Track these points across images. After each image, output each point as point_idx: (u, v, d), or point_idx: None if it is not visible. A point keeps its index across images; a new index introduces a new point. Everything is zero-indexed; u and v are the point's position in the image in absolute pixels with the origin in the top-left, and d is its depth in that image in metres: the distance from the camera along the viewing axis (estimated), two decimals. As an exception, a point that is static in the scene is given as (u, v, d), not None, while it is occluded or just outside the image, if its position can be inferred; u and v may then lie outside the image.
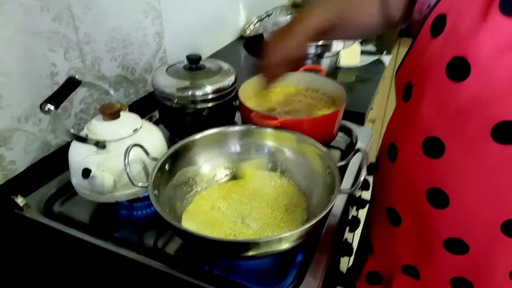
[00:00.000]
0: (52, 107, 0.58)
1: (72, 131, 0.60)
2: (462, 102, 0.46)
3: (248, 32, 1.51)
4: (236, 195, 0.69)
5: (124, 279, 0.60)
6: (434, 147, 0.50)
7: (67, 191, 0.71)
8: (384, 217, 0.63)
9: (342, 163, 0.65)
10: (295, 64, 0.62)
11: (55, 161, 0.76)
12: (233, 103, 0.91)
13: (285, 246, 0.53)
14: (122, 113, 0.69)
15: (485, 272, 0.54)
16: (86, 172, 0.56)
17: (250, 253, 0.52)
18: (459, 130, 0.47)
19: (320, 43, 1.14)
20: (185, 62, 0.86)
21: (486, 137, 0.45)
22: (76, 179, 0.66)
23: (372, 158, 0.66)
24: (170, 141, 0.72)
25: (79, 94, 0.83)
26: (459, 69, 0.45)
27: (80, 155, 0.63)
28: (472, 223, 0.51)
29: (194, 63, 0.84)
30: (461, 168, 0.48)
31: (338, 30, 0.61)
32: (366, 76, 1.24)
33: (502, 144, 0.44)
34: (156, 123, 0.75)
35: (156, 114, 0.95)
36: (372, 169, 0.93)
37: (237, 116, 0.94)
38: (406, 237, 0.60)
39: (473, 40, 0.43)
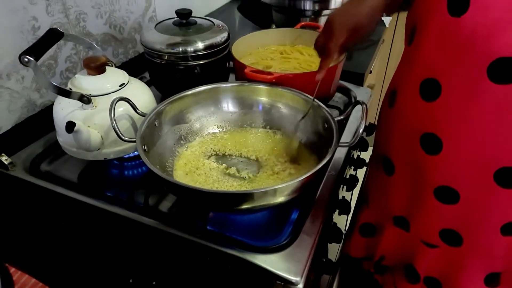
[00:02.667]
0: (32, 59, 0.55)
1: (54, 84, 0.57)
2: (461, 38, 0.44)
3: (243, -7, 1.44)
4: (230, 151, 0.67)
5: (116, 237, 0.58)
6: (431, 89, 0.48)
7: (55, 150, 0.69)
8: (380, 167, 0.62)
9: (341, 117, 0.62)
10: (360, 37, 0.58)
11: (41, 121, 0.73)
12: (227, 64, 0.87)
13: (280, 199, 0.51)
14: (108, 68, 0.65)
15: (475, 224, 0.53)
16: (70, 126, 0.54)
17: (245, 206, 0.50)
18: (456, 69, 0.45)
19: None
20: (175, 18, 0.82)
21: (482, 76, 0.43)
22: (62, 137, 0.63)
23: (370, 120, 0.64)
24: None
25: (64, 51, 0.79)
26: (458, 2, 0.43)
27: (64, 111, 0.60)
28: (464, 171, 0.49)
29: (184, 18, 0.80)
30: (456, 111, 0.47)
31: None
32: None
33: (498, 84, 0.43)
34: (147, 85, 0.72)
35: (147, 75, 0.91)
36: (371, 129, 0.91)
37: (231, 78, 0.90)
38: (398, 187, 0.59)
39: None
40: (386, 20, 1.27)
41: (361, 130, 0.55)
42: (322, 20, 1.13)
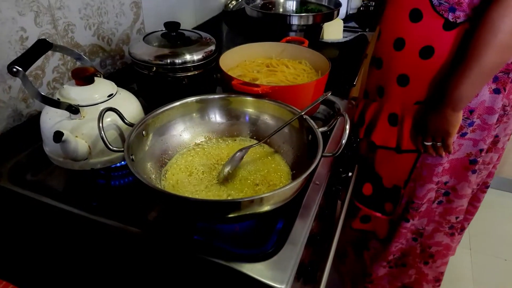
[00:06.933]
0: (20, 69, 0.55)
1: (43, 94, 0.57)
2: None
3: (230, 6, 1.47)
4: (217, 161, 0.68)
5: (102, 247, 0.58)
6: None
7: (41, 160, 0.68)
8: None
9: (325, 128, 0.64)
10: None
11: (27, 131, 0.73)
12: (214, 76, 0.89)
13: (266, 208, 0.52)
14: (96, 79, 0.66)
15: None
16: (58, 135, 0.54)
17: (232, 215, 0.51)
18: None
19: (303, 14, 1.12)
20: (163, 30, 0.83)
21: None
22: (49, 147, 0.63)
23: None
24: (149, 112, 0.70)
25: (52, 62, 0.79)
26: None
27: (52, 121, 0.61)
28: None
29: (172, 30, 0.81)
30: None
31: None
32: (350, 51, 1.23)
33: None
34: (135, 96, 0.73)
35: (135, 87, 0.92)
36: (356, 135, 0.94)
37: (218, 90, 0.92)
38: None
39: None
40: (369, 36, 1.32)
41: (344, 141, 0.57)
42: (307, 35, 1.16)
